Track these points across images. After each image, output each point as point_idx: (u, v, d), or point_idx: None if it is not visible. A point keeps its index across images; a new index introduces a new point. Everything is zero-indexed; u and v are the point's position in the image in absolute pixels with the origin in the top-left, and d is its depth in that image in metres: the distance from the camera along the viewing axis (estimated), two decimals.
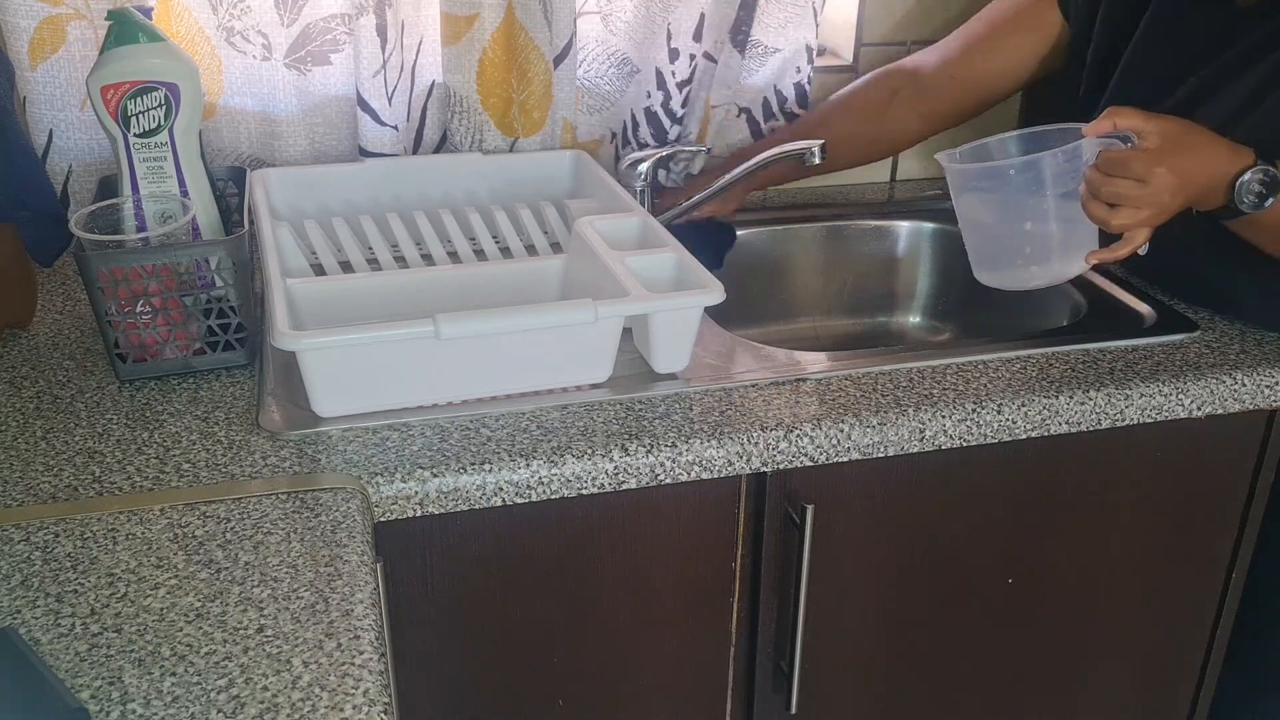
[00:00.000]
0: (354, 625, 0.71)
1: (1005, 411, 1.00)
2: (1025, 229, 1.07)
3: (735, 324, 1.15)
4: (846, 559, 1.06)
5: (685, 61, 1.34)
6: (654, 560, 1.00)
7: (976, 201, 1.11)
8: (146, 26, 0.99)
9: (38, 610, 0.72)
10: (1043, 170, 1.04)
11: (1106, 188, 0.98)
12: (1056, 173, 1.03)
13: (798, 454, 0.96)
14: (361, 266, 1.12)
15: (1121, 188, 0.97)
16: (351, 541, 0.79)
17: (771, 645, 1.07)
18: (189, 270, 0.97)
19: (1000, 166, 1.07)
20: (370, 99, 1.24)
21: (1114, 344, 1.10)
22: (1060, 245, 1.07)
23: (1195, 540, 1.17)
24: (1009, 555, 1.11)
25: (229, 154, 1.28)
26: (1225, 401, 1.06)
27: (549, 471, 0.90)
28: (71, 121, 1.21)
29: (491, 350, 0.95)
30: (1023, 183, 1.05)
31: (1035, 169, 1.04)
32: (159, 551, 0.78)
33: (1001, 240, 1.11)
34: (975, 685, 1.18)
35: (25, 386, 0.99)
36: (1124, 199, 0.98)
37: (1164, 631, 1.21)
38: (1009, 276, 1.13)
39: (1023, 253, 1.09)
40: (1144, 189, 0.97)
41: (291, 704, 0.65)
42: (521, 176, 1.29)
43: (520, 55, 1.26)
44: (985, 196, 1.09)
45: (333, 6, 1.23)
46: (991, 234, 1.12)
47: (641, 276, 0.98)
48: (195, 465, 0.88)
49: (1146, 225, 1.00)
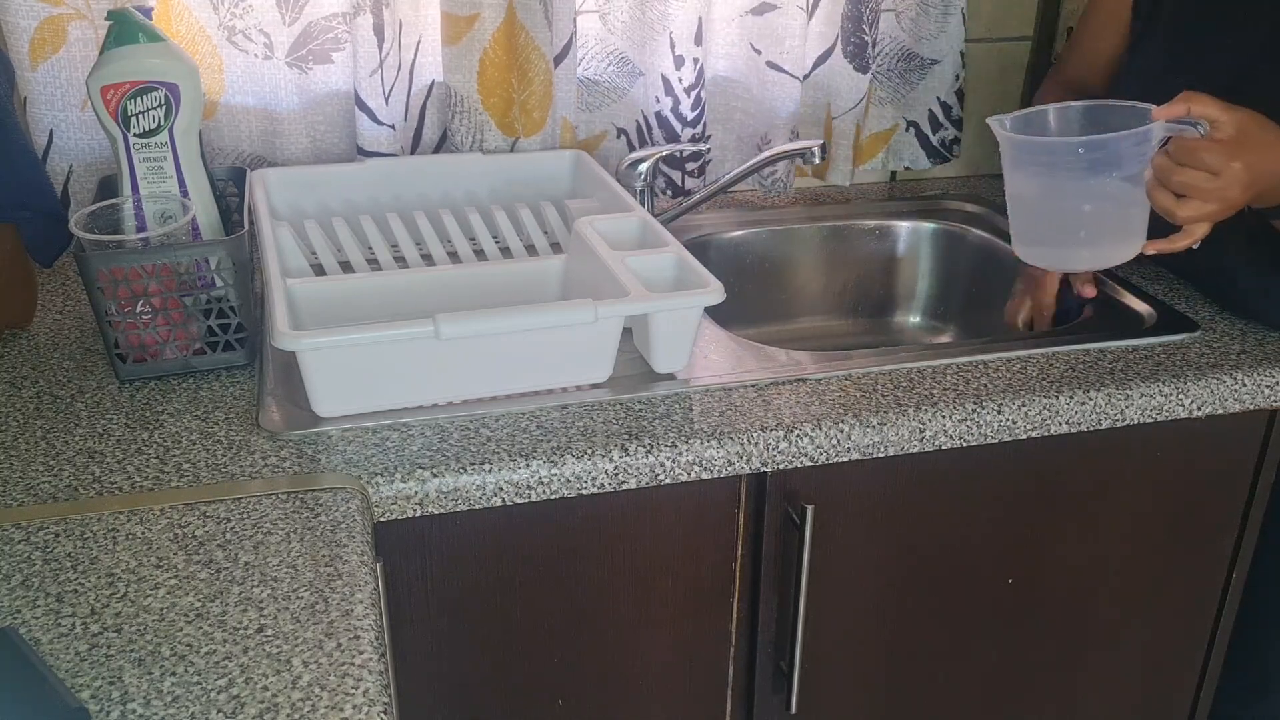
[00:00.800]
0: (354, 625, 0.71)
1: (1005, 411, 1.00)
2: (1084, 210, 1.03)
3: (735, 324, 1.15)
4: (846, 559, 1.06)
5: (690, 66, 1.34)
6: (654, 560, 1.00)
7: (1032, 175, 1.06)
8: (146, 26, 0.99)
9: (38, 610, 0.72)
10: (1114, 151, 0.99)
11: (1177, 177, 0.95)
12: (1124, 155, 0.99)
13: (798, 454, 0.96)
14: (361, 266, 1.12)
15: (1193, 179, 0.95)
16: (351, 541, 0.79)
17: (771, 645, 1.07)
18: (189, 270, 0.97)
19: (1068, 144, 1.02)
20: (367, 98, 1.24)
21: (1114, 344, 1.10)
22: (1115, 229, 1.04)
23: (1195, 540, 1.17)
24: (1009, 555, 1.11)
25: (229, 153, 1.28)
26: (1225, 401, 1.06)
27: (549, 471, 0.90)
28: (71, 121, 1.21)
29: (491, 350, 0.95)
30: (1090, 162, 1.00)
31: (1105, 149, 0.99)
32: (159, 551, 0.78)
33: (1054, 218, 1.07)
34: (975, 685, 1.18)
35: (25, 386, 0.99)
36: (1194, 190, 0.95)
37: (1164, 631, 1.21)
38: (1056, 255, 1.10)
39: (1076, 235, 1.05)
40: (1215, 182, 0.94)
41: (291, 704, 0.65)
42: (521, 176, 1.29)
43: (521, 55, 1.26)
44: (1043, 171, 1.05)
45: (334, 5, 1.23)
46: (1044, 210, 1.07)
47: (641, 276, 0.98)
48: (195, 465, 0.88)
49: (1211, 219, 0.97)
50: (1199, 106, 0.94)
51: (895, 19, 1.43)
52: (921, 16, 1.43)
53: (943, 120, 1.49)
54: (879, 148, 1.51)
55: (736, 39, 1.39)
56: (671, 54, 1.34)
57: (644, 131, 1.40)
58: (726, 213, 1.45)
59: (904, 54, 1.46)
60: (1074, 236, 1.06)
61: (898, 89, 1.48)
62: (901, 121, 1.50)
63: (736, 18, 1.37)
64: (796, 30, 1.36)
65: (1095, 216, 1.04)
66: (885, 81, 1.47)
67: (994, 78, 1.56)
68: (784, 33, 1.36)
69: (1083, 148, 1.01)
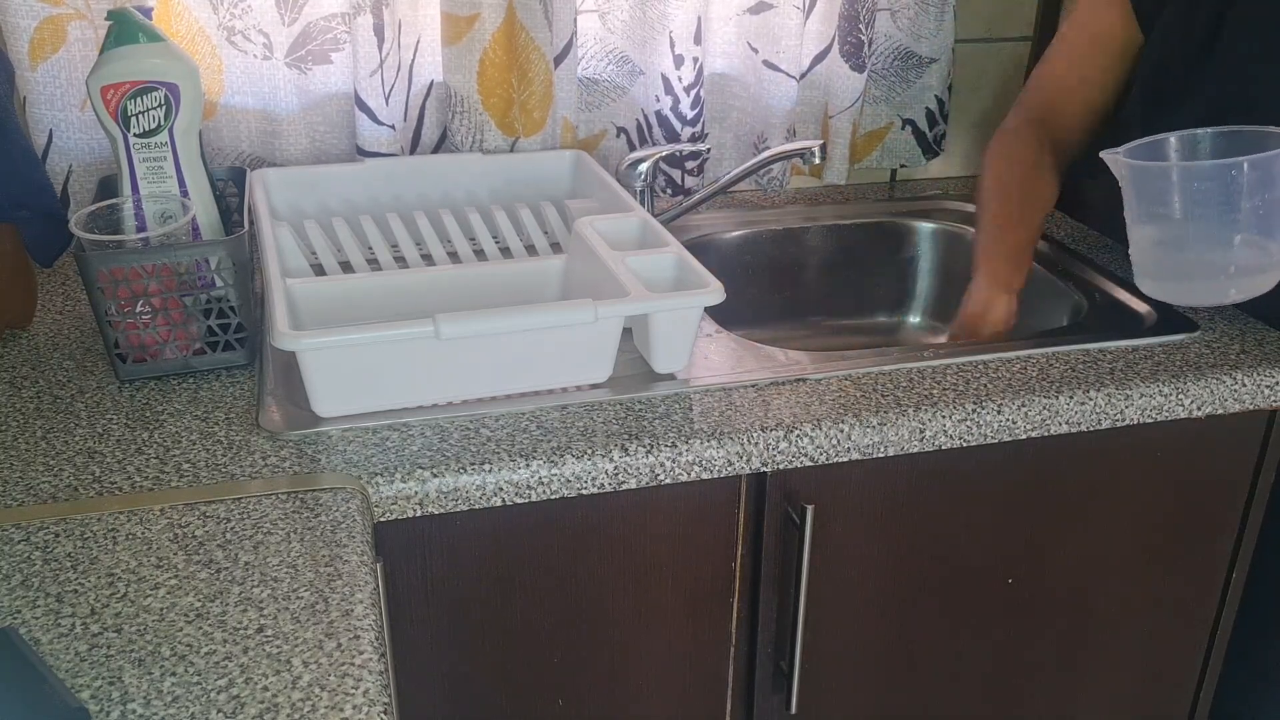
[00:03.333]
0: (354, 625, 0.71)
1: (1005, 411, 1.00)
2: (1234, 241, 0.97)
3: (735, 324, 1.15)
4: (846, 559, 1.06)
5: (690, 65, 1.34)
6: (654, 560, 1.00)
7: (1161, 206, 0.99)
8: (146, 26, 0.99)
9: (38, 610, 0.72)
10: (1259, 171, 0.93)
11: None
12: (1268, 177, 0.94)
13: (798, 454, 0.96)
14: (361, 266, 1.12)
15: None
16: (351, 541, 0.79)
17: (771, 645, 1.07)
18: (189, 270, 0.97)
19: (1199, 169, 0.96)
20: (367, 98, 1.24)
21: (1114, 344, 1.10)
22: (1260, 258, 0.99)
23: (1195, 540, 1.17)
24: (1009, 555, 1.11)
25: (229, 153, 1.28)
26: (1225, 401, 1.06)
27: (549, 471, 0.90)
28: (71, 121, 1.21)
29: (491, 350, 0.95)
30: (1230, 187, 0.95)
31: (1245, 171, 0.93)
32: (159, 551, 0.78)
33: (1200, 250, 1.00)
34: (975, 685, 1.18)
35: (25, 386, 0.99)
36: None
37: (1164, 631, 1.21)
38: (1199, 290, 1.03)
39: (1225, 269, 0.99)
40: None
41: (291, 704, 0.65)
42: (521, 176, 1.29)
43: (521, 55, 1.26)
44: (1173, 201, 0.98)
45: (333, 5, 1.23)
46: (1180, 243, 1.00)
47: (641, 276, 0.98)
48: (195, 465, 0.88)
49: None
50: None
51: (891, 18, 1.43)
52: (920, 15, 1.43)
53: (939, 118, 1.50)
54: (874, 146, 1.52)
55: (734, 38, 1.39)
56: (671, 53, 1.34)
57: (644, 130, 1.40)
58: (726, 213, 1.45)
59: (901, 53, 1.46)
60: (1222, 271, 1.00)
61: (893, 87, 1.48)
62: (897, 120, 1.50)
63: (734, 17, 1.38)
64: (793, 29, 1.36)
65: (1242, 248, 0.99)
66: (880, 80, 1.48)
67: (994, 78, 1.56)
68: (781, 32, 1.37)
69: (1232, 170, 0.94)
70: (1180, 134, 1.04)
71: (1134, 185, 1.02)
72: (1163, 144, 1.04)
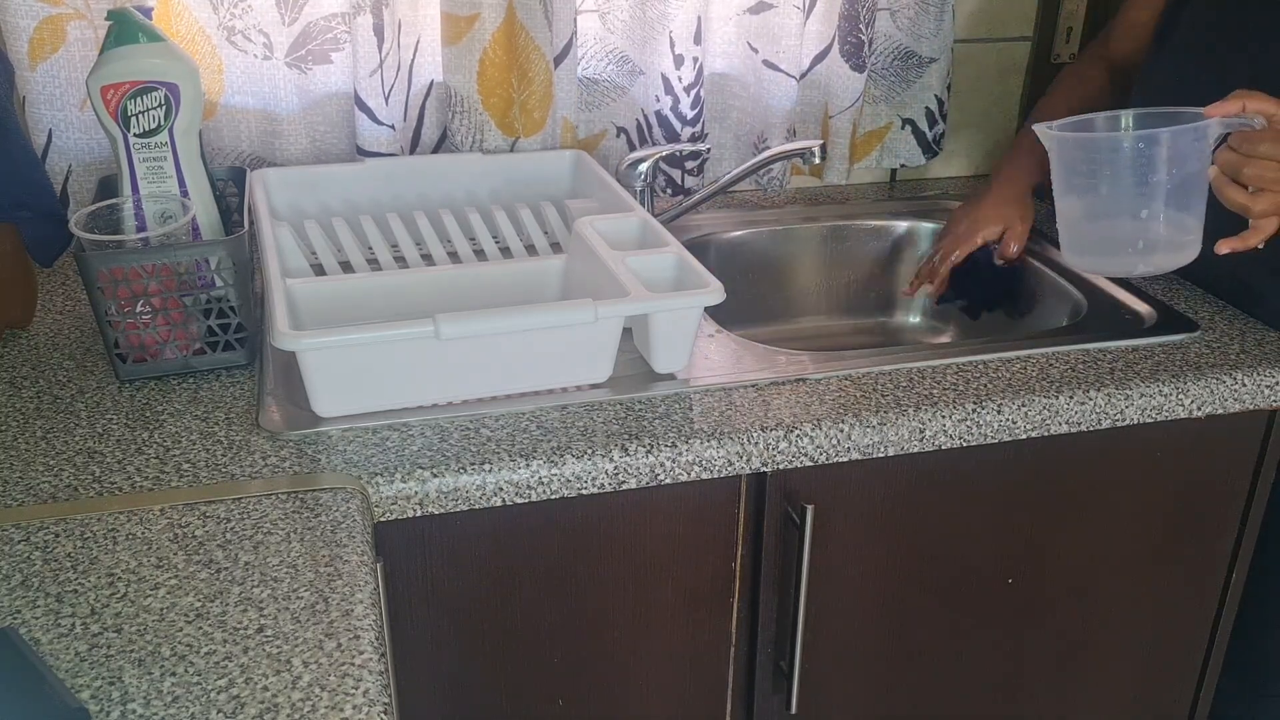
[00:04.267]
0: (354, 625, 0.71)
1: (1005, 411, 1.00)
2: (1140, 215, 1.00)
3: (735, 324, 1.15)
4: (846, 559, 1.06)
5: (690, 65, 1.34)
6: (654, 560, 1.00)
7: (1084, 178, 1.02)
8: (146, 26, 0.99)
9: (38, 610, 0.72)
10: (1171, 147, 0.96)
11: (1248, 169, 0.93)
12: (1182, 152, 0.96)
13: (798, 454, 0.96)
14: (361, 266, 1.12)
15: (1266, 170, 0.92)
16: (351, 541, 0.79)
17: (771, 645, 1.07)
18: (189, 270, 0.97)
19: (1115, 139, 1.00)
20: (367, 98, 1.24)
21: (1114, 344, 1.10)
22: (1172, 234, 1.01)
23: (1195, 540, 1.17)
24: (1009, 555, 1.11)
25: (229, 153, 1.28)
26: (1225, 401, 1.06)
27: (549, 471, 0.90)
28: (71, 121, 1.21)
29: (491, 350, 0.95)
30: (1147, 159, 0.97)
31: (1161, 144, 0.96)
32: (159, 551, 0.78)
33: (1109, 223, 1.03)
34: (975, 685, 1.18)
35: (25, 386, 0.99)
36: (1269, 183, 0.92)
37: (1164, 631, 1.21)
38: (1111, 263, 1.07)
39: (1134, 243, 1.02)
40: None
41: (291, 704, 0.65)
42: (521, 176, 1.29)
43: (521, 55, 1.26)
44: (1096, 173, 1.01)
45: (333, 5, 1.23)
46: (1097, 216, 1.04)
47: (641, 276, 0.98)
48: (195, 465, 0.88)
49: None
50: (1254, 103, 0.92)
51: (891, 18, 1.43)
52: (920, 15, 1.43)
53: (938, 118, 1.50)
54: (874, 145, 1.52)
55: (734, 38, 1.39)
56: (671, 53, 1.34)
57: (644, 130, 1.40)
58: (726, 213, 1.45)
59: (901, 53, 1.46)
60: (1130, 245, 1.02)
61: (892, 87, 1.48)
62: (896, 119, 1.50)
63: (734, 16, 1.38)
64: (793, 29, 1.36)
65: (1152, 221, 1.01)
66: (880, 80, 1.48)
67: (994, 78, 1.56)
68: (781, 32, 1.37)
69: (1141, 142, 0.97)
70: (1106, 114, 1.05)
71: (1059, 157, 1.04)
72: (1090, 123, 1.05)
